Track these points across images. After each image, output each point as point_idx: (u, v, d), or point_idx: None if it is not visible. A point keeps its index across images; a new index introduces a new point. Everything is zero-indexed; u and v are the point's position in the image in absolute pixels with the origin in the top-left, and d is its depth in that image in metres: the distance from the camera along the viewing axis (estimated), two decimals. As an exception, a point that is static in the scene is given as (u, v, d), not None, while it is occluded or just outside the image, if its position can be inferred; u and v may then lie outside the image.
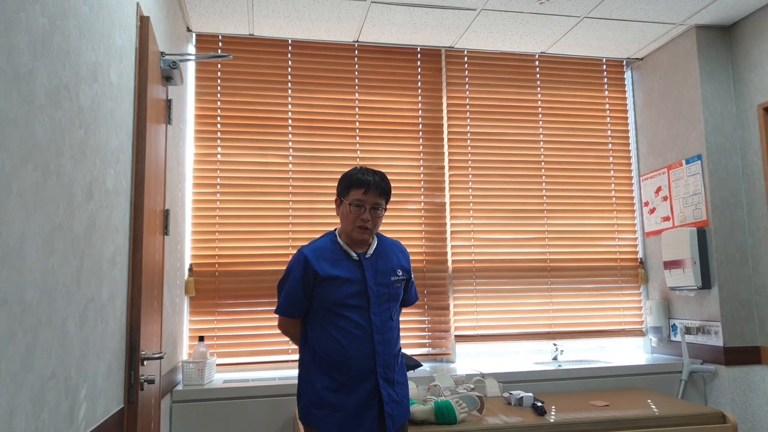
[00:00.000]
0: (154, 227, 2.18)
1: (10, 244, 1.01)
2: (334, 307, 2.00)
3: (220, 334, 3.24)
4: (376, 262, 2.09)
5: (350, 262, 2.06)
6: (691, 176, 3.46)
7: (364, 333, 2.00)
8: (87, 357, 1.45)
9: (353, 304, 2.01)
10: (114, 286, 1.69)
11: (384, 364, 2.01)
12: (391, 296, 2.08)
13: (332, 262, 2.04)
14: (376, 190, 2.05)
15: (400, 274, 2.12)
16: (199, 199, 3.33)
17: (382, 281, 2.07)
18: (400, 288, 2.12)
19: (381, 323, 2.03)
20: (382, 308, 2.05)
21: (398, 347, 2.10)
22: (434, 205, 3.62)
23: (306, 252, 2.06)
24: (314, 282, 2.02)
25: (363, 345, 1.99)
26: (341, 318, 2.00)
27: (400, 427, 2.06)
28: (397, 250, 2.18)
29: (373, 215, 2.05)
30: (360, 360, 1.98)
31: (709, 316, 3.34)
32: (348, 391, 1.97)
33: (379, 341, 2.01)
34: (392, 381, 2.04)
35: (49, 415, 1.20)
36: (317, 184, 3.47)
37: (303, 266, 2.03)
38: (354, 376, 1.98)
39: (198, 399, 2.86)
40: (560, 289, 3.70)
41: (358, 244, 2.10)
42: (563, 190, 3.79)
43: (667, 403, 2.85)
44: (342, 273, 2.02)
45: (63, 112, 1.26)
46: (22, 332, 1.06)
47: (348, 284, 2.02)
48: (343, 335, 1.99)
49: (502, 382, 3.14)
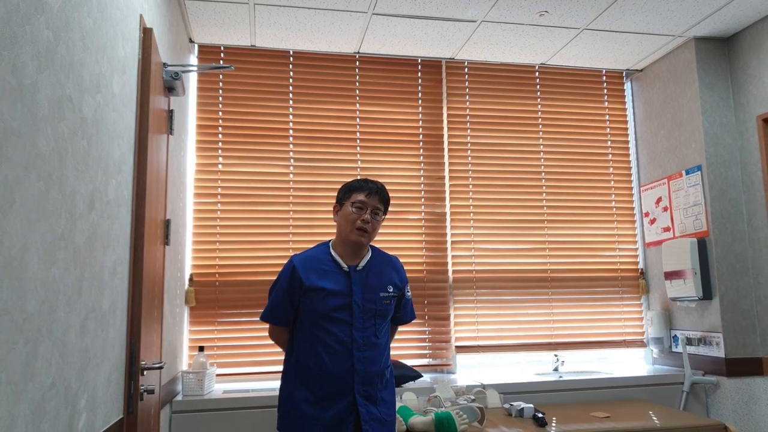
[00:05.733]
0: (155, 237, 2.19)
1: (12, 254, 1.02)
2: (318, 320, 2.00)
3: (220, 344, 3.23)
4: (367, 276, 2.07)
5: (339, 274, 2.05)
6: (691, 187, 3.47)
7: (344, 348, 1.98)
8: (87, 367, 1.45)
9: (337, 317, 1.99)
10: (115, 296, 1.69)
11: (363, 381, 1.99)
12: (377, 313, 2.05)
13: (320, 273, 2.04)
14: (378, 195, 2.09)
15: (390, 291, 2.10)
16: (200, 209, 3.34)
17: (370, 297, 2.05)
18: (389, 306, 2.09)
19: (363, 340, 2.01)
20: (367, 324, 2.02)
21: (384, 365, 2.07)
22: (435, 215, 3.63)
23: (295, 261, 2.07)
24: (300, 292, 2.02)
25: (342, 361, 1.97)
26: (323, 331, 1.99)
27: None
28: (390, 267, 2.16)
29: (372, 219, 2.07)
30: (338, 375, 1.97)
31: (711, 326, 3.33)
32: (326, 405, 1.96)
33: (358, 358, 1.99)
34: (375, 399, 2.01)
35: (49, 425, 1.20)
36: (318, 194, 3.48)
37: (290, 275, 2.04)
38: (332, 391, 1.96)
39: (198, 409, 2.85)
40: (561, 299, 3.70)
41: (352, 254, 2.09)
42: (563, 201, 3.80)
43: (668, 415, 2.84)
44: (328, 285, 2.01)
45: (66, 123, 1.28)
46: (23, 342, 1.07)
47: (333, 297, 2.00)
48: (324, 349, 1.98)
49: (503, 393, 3.12)
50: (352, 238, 2.06)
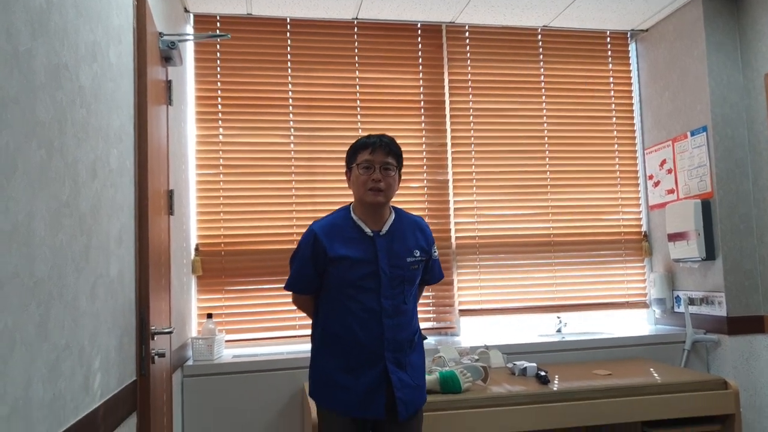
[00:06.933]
0: (159, 207, 2.21)
1: (19, 219, 1.05)
2: (344, 288, 1.94)
3: (227, 311, 3.30)
4: (391, 242, 1.98)
5: (363, 240, 1.96)
6: (696, 148, 3.45)
7: (373, 317, 1.92)
8: (99, 330, 1.49)
9: (364, 286, 1.93)
10: (122, 263, 1.73)
11: (394, 348, 1.94)
12: (405, 279, 1.97)
13: (343, 241, 1.95)
14: (383, 149, 1.96)
15: (417, 255, 2.01)
16: (202, 180, 3.36)
17: (397, 263, 1.96)
18: (417, 270, 2.01)
19: (392, 307, 1.94)
20: (395, 291, 1.95)
21: (413, 330, 2.02)
22: (437, 183, 3.63)
23: (316, 229, 1.98)
24: (324, 261, 1.94)
25: (371, 329, 1.92)
26: (351, 300, 1.93)
27: (415, 412, 1.98)
28: (416, 228, 2.06)
29: (384, 175, 1.95)
30: (368, 344, 1.91)
31: (713, 287, 3.35)
32: (357, 374, 1.92)
33: (388, 326, 1.93)
34: (404, 365, 1.96)
35: (65, 384, 1.25)
36: (319, 163, 3.49)
37: (312, 244, 1.95)
38: (362, 359, 1.92)
39: (208, 373, 2.93)
40: (564, 263, 3.72)
41: (373, 217, 1.99)
42: (567, 165, 3.79)
43: (669, 372, 2.89)
44: (352, 253, 1.93)
45: (64, 91, 1.29)
46: (34, 304, 1.10)
47: (359, 265, 1.93)
48: (352, 318, 1.92)
49: (506, 353, 3.18)
50: (367, 200, 1.95)
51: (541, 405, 2.52)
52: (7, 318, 0.99)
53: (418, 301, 2.14)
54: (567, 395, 2.57)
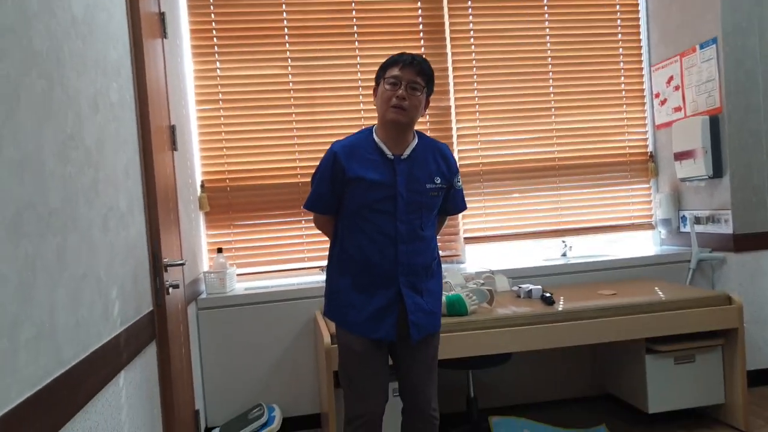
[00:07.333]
0: (162, 142, 2.21)
1: (29, 149, 1.05)
2: (361, 210, 1.92)
3: (237, 246, 3.35)
4: (412, 167, 1.94)
5: (383, 163, 1.93)
6: (705, 62, 3.36)
7: (388, 240, 1.92)
8: (114, 261, 1.53)
9: (380, 209, 1.91)
10: (130, 197, 1.74)
11: (408, 273, 1.94)
12: (423, 205, 1.95)
13: (363, 162, 1.92)
14: (413, 68, 1.88)
15: (438, 182, 1.97)
16: (203, 116, 3.32)
17: (416, 188, 1.94)
18: (437, 198, 1.99)
19: (408, 232, 1.93)
20: (412, 217, 1.94)
21: (431, 257, 2.01)
22: (439, 110, 3.58)
23: (336, 149, 1.95)
24: (343, 181, 1.92)
25: (386, 253, 1.92)
26: (367, 222, 1.92)
27: (430, 336, 2.01)
28: (438, 155, 2.01)
29: (410, 94, 1.88)
30: (382, 267, 1.92)
31: (720, 204, 3.35)
32: (369, 294, 1.94)
33: (402, 251, 1.92)
34: (420, 290, 1.97)
35: (86, 311, 1.29)
36: (318, 94, 3.43)
37: (332, 164, 1.93)
38: (376, 281, 1.93)
39: (222, 305, 3.02)
40: (569, 187, 3.72)
41: (395, 140, 1.94)
42: (571, 86, 3.71)
43: (673, 290, 2.94)
44: (371, 175, 1.91)
45: (57, 21, 1.25)
46: (51, 234, 1.12)
47: (377, 188, 1.91)
48: (368, 240, 1.92)
49: (511, 278, 3.24)
50: (389, 117, 1.89)
51: (547, 325, 2.59)
52: (27, 246, 1.02)
53: (438, 230, 2.13)
54: (572, 315, 2.63)
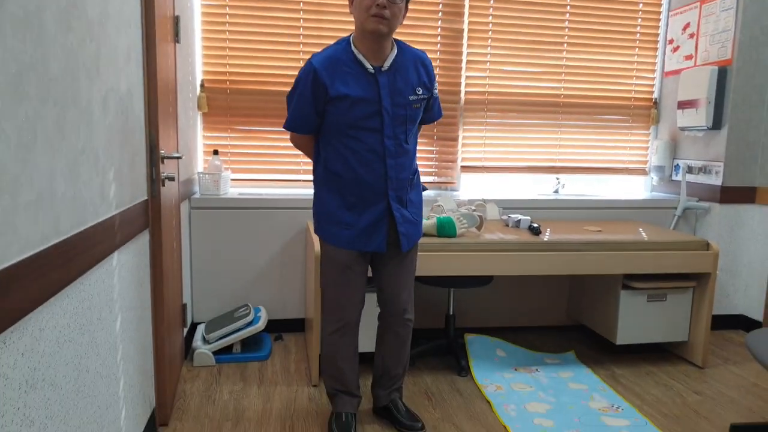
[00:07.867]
0: (165, 32, 2.15)
1: (30, 9, 1.03)
2: (346, 129, 1.90)
3: (233, 150, 3.34)
4: (394, 78, 1.91)
5: (364, 77, 1.88)
6: (724, 11, 3.27)
7: (376, 157, 1.92)
8: (112, 143, 1.53)
9: (366, 126, 1.90)
10: (131, 80, 1.72)
11: (396, 187, 1.98)
12: (408, 118, 1.95)
13: (344, 77, 1.86)
14: None
15: (420, 93, 1.96)
16: (207, 12, 3.21)
17: (399, 101, 1.92)
18: (418, 109, 1.98)
19: (394, 147, 1.94)
20: (398, 131, 1.94)
21: (413, 169, 2.05)
22: (451, 32, 3.48)
23: (315, 64, 1.86)
24: (325, 99, 1.88)
25: (374, 169, 1.93)
26: (353, 140, 1.91)
27: (414, 245, 2.11)
28: (419, 63, 1.98)
29: (390, 2, 1.81)
30: (371, 183, 1.94)
31: (714, 156, 3.38)
32: (359, 211, 1.97)
33: (391, 165, 1.94)
34: (404, 202, 2.03)
35: (84, 186, 1.31)
36: (328, 0, 3.31)
37: (312, 81, 1.86)
38: (365, 198, 1.96)
39: (214, 207, 3.05)
40: (570, 125, 3.70)
41: (375, 51, 1.89)
42: (586, 23, 3.61)
43: (656, 232, 3.02)
44: (353, 92, 1.86)
45: None
46: (52, 101, 1.12)
47: (361, 104, 1.87)
48: (355, 158, 1.92)
49: (503, 208, 3.29)
50: (369, 27, 1.83)
51: (531, 252, 2.66)
52: (28, 107, 1.02)
53: (417, 141, 2.15)
54: (556, 246, 2.70)
